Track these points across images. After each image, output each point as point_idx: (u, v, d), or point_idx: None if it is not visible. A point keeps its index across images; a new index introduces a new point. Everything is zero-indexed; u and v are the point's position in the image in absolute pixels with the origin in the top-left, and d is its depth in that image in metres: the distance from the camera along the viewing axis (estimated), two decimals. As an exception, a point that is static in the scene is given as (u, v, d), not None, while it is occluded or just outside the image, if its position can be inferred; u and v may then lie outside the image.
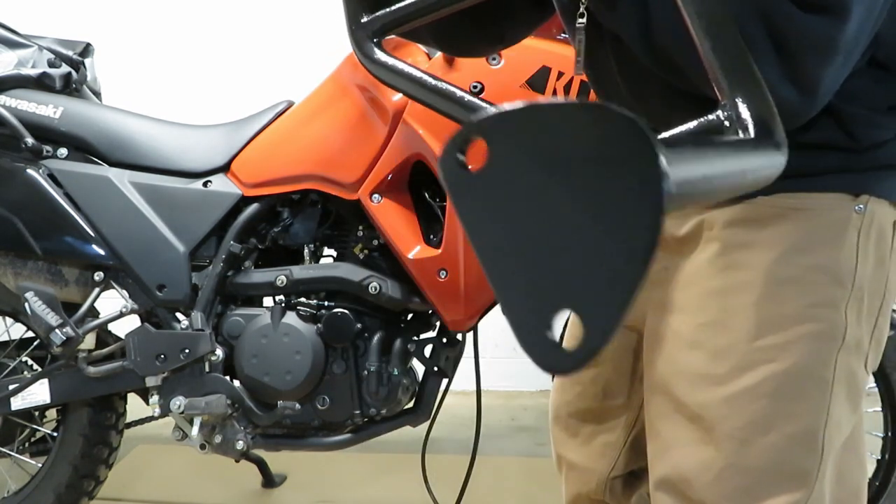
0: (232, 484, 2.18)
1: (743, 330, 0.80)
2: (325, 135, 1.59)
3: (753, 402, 0.80)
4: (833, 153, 0.78)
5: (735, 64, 0.51)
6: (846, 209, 0.79)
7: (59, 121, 1.68)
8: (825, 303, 0.79)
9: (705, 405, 0.83)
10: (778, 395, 0.79)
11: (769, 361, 0.79)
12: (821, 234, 0.79)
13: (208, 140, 1.71)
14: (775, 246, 0.79)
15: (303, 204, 1.66)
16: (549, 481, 2.11)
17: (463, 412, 2.13)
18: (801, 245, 0.79)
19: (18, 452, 1.85)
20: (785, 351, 0.79)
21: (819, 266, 0.78)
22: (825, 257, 0.79)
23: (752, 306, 0.80)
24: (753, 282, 0.80)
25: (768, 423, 0.80)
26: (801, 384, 0.79)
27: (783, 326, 0.79)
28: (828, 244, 0.79)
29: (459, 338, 1.66)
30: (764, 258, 0.79)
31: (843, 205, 0.78)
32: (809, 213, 0.79)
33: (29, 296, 1.63)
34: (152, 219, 1.64)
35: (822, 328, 0.79)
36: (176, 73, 2.95)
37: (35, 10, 2.88)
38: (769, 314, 0.79)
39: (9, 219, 1.62)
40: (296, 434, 1.66)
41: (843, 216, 0.78)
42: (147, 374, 1.62)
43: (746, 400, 0.80)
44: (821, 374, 0.79)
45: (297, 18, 2.90)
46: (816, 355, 0.79)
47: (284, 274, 1.61)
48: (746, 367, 0.80)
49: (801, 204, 0.78)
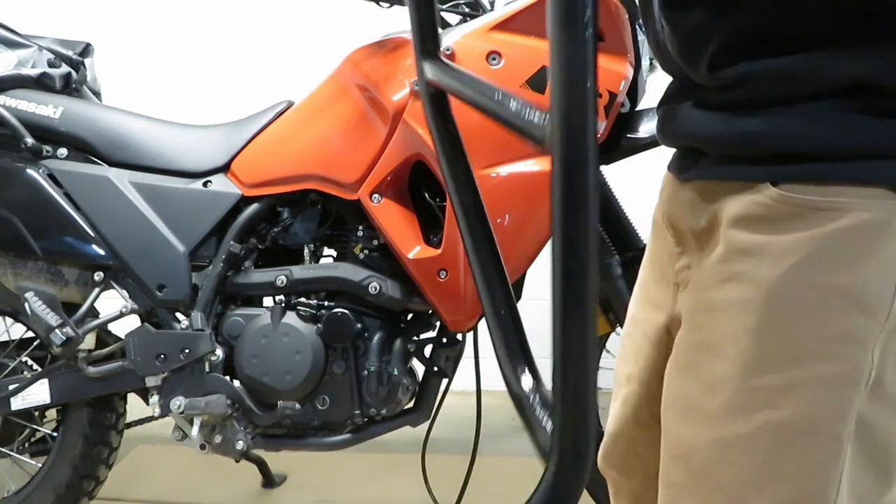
0: (232, 484, 2.17)
1: (739, 362, 0.65)
2: (325, 135, 1.59)
3: (746, 455, 0.65)
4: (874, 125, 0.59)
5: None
6: (886, 210, 0.59)
7: (59, 121, 1.68)
8: (844, 337, 0.61)
9: (693, 447, 0.69)
10: (775, 450, 0.64)
11: (768, 407, 0.63)
12: (846, 245, 0.60)
13: (208, 140, 1.71)
14: (785, 256, 0.62)
15: (303, 204, 1.66)
16: (549, 481, 2.11)
17: (463, 412, 2.13)
18: (817, 257, 0.61)
19: (18, 452, 1.85)
20: (787, 395, 0.63)
21: (840, 288, 0.60)
22: (849, 276, 0.60)
23: (752, 333, 0.64)
24: (755, 301, 0.63)
25: (761, 483, 0.65)
26: (804, 440, 0.63)
27: (787, 364, 0.63)
28: (855, 258, 0.60)
29: (459, 338, 1.66)
30: (770, 272, 0.62)
31: (881, 204, 0.59)
32: (833, 215, 0.60)
33: (29, 296, 1.63)
34: (152, 219, 1.64)
35: (837, 370, 0.61)
36: (176, 73, 2.95)
37: (35, 10, 2.88)
38: (772, 346, 0.63)
39: (9, 219, 1.62)
40: (296, 434, 1.66)
41: (881, 220, 0.59)
42: (147, 374, 1.63)
43: (738, 450, 0.65)
44: (831, 430, 0.62)
45: (297, 18, 2.90)
46: (827, 405, 0.62)
47: (284, 274, 1.61)
48: (741, 410, 0.65)
49: (823, 202, 0.60)
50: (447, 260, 1.48)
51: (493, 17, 1.48)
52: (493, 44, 1.45)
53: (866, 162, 0.59)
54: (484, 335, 1.71)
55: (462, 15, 1.62)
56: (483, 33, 1.45)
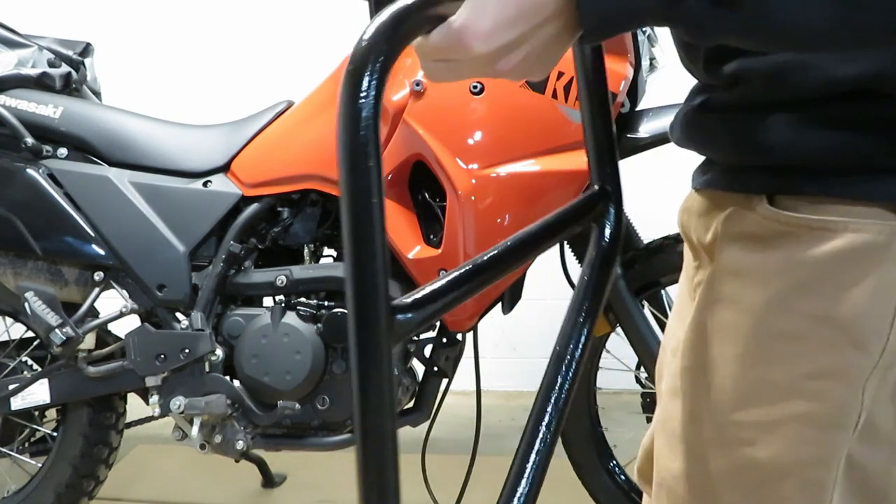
0: (232, 484, 2.17)
1: (723, 392, 0.60)
2: (326, 135, 1.59)
3: (725, 494, 0.61)
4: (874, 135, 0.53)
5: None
6: (884, 232, 0.53)
7: (59, 121, 1.68)
8: (830, 373, 0.55)
9: (676, 477, 0.65)
10: (754, 491, 0.60)
11: (747, 444, 0.59)
12: (838, 270, 0.54)
13: (208, 140, 1.71)
14: (773, 280, 0.56)
15: (303, 204, 1.66)
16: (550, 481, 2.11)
17: (463, 412, 2.13)
18: (807, 283, 0.55)
19: (18, 452, 1.85)
20: (769, 433, 0.58)
21: (829, 318, 0.55)
22: (841, 306, 0.54)
23: (737, 363, 0.59)
24: (741, 328, 0.59)
25: None
26: (782, 483, 0.58)
27: (770, 399, 0.58)
28: (848, 286, 0.54)
29: (459, 338, 1.66)
30: (756, 296, 0.57)
31: (880, 225, 0.53)
32: (826, 236, 0.54)
33: (29, 296, 1.63)
34: (152, 219, 1.64)
35: (821, 410, 0.56)
36: (176, 73, 2.95)
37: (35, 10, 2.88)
38: (756, 378, 0.58)
39: (9, 219, 1.62)
40: (296, 434, 1.66)
41: (879, 242, 0.53)
42: (147, 374, 1.62)
43: (717, 488, 0.61)
44: (811, 476, 0.57)
45: (297, 19, 2.90)
46: (808, 448, 0.57)
47: (284, 274, 1.60)
48: (721, 445, 0.61)
49: (815, 220, 0.54)
50: (447, 260, 1.48)
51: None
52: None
53: (864, 177, 0.53)
54: (484, 335, 1.72)
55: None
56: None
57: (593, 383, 1.73)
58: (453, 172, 1.44)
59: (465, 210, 1.45)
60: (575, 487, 1.78)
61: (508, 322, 1.83)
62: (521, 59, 0.52)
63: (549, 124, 1.43)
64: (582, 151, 1.49)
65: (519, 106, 1.43)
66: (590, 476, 1.75)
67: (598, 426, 1.75)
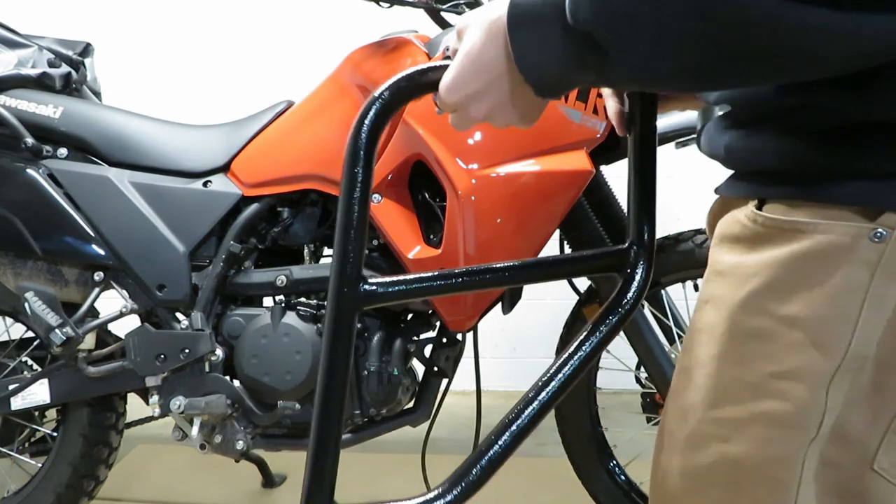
0: (232, 484, 2.17)
1: (704, 390, 0.63)
2: (325, 135, 1.59)
3: (704, 490, 0.63)
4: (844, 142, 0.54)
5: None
6: (850, 234, 0.54)
7: (59, 121, 1.68)
8: (794, 373, 0.56)
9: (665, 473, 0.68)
10: (728, 487, 0.61)
11: (722, 440, 0.61)
12: (804, 270, 0.55)
13: (208, 140, 1.71)
14: (748, 280, 0.58)
15: (303, 204, 1.66)
16: (550, 481, 2.12)
17: (463, 412, 2.13)
18: (776, 283, 0.57)
19: (18, 452, 1.85)
20: (739, 431, 0.60)
21: (794, 319, 0.56)
22: (805, 307, 0.55)
23: (716, 361, 0.61)
24: (720, 327, 0.61)
25: None
26: (751, 482, 0.60)
27: (741, 398, 0.59)
28: (812, 287, 0.55)
29: (459, 338, 1.66)
30: (733, 296, 0.60)
31: (846, 227, 0.54)
32: (795, 237, 0.56)
33: (29, 296, 1.63)
34: (152, 219, 1.64)
35: (783, 410, 0.57)
36: (176, 73, 2.95)
37: (35, 10, 2.88)
38: (730, 377, 0.60)
39: (9, 219, 1.62)
40: (296, 434, 1.66)
41: (843, 244, 0.54)
42: (147, 374, 1.62)
43: (697, 484, 0.64)
44: (776, 475, 0.58)
45: (297, 18, 2.90)
46: (773, 447, 0.58)
47: (284, 274, 1.61)
48: (700, 441, 0.63)
49: (787, 222, 0.56)
50: (447, 260, 1.48)
51: (493, 17, 1.47)
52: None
53: (835, 181, 0.54)
54: (484, 335, 1.72)
55: (462, 15, 1.62)
56: (483, 33, 1.45)
57: (593, 383, 1.73)
58: (453, 172, 1.44)
59: (465, 210, 1.45)
60: (575, 487, 1.78)
61: (508, 322, 1.84)
62: (489, 107, 0.65)
63: (549, 124, 1.43)
64: (582, 151, 1.49)
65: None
66: (590, 476, 1.75)
67: (598, 426, 1.75)
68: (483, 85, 0.63)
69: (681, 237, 1.57)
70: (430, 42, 1.55)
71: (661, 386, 1.56)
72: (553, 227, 1.51)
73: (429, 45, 1.54)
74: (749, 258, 0.59)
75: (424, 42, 1.55)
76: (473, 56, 0.62)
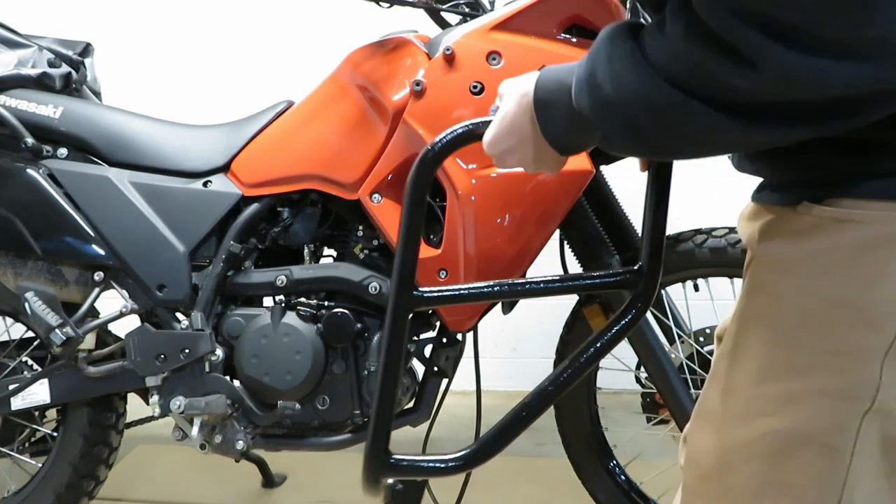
0: (232, 484, 2.17)
1: (749, 369, 0.68)
2: (325, 135, 1.59)
3: (747, 462, 0.67)
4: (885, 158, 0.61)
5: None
6: None
7: (59, 121, 1.68)
8: (847, 350, 0.62)
9: (704, 451, 0.72)
10: (775, 458, 0.65)
11: (769, 415, 0.66)
12: (859, 258, 0.61)
13: (208, 140, 1.71)
14: (803, 268, 0.64)
15: (303, 204, 1.66)
16: (550, 481, 2.12)
17: (463, 412, 2.13)
18: (830, 270, 0.62)
19: (18, 452, 1.85)
20: (788, 405, 0.65)
21: (846, 300, 0.62)
22: (859, 290, 0.61)
23: (765, 343, 0.67)
24: (770, 311, 0.67)
25: (760, 492, 0.66)
26: (802, 450, 0.64)
27: (792, 374, 0.64)
28: (866, 272, 0.61)
29: (459, 338, 1.66)
30: (787, 282, 0.65)
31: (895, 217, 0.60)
32: (853, 228, 0.61)
33: (29, 296, 1.63)
34: (152, 219, 1.64)
35: (837, 384, 0.62)
36: (176, 73, 2.95)
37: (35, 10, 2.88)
38: (780, 356, 0.66)
39: (9, 219, 1.62)
40: (296, 434, 1.66)
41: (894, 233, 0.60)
42: (147, 374, 1.62)
43: (740, 457, 0.68)
44: (830, 442, 0.63)
45: (297, 18, 2.90)
46: (826, 417, 0.63)
47: (284, 274, 1.61)
48: (744, 417, 0.68)
49: (845, 214, 0.62)
50: (447, 260, 1.48)
51: (493, 17, 1.48)
52: (493, 44, 1.44)
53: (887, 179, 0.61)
54: (484, 335, 1.72)
55: (462, 15, 1.62)
56: (483, 33, 1.45)
57: (593, 383, 1.73)
58: (453, 172, 1.44)
59: (465, 210, 1.45)
60: (575, 487, 1.78)
61: (508, 322, 1.84)
62: (519, 160, 0.82)
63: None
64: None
65: (519, 106, 1.43)
66: (590, 476, 1.75)
67: (598, 426, 1.75)
68: (515, 143, 0.80)
69: (681, 237, 1.57)
70: (430, 42, 1.55)
71: (661, 386, 1.56)
72: (553, 226, 1.51)
73: (429, 45, 1.54)
74: (804, 248, 0.64)
75: (424, 42, 1.55)
76: (507, 122, 0.79)
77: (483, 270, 1.51)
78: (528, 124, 0.77)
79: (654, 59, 0.60)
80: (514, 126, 0.79)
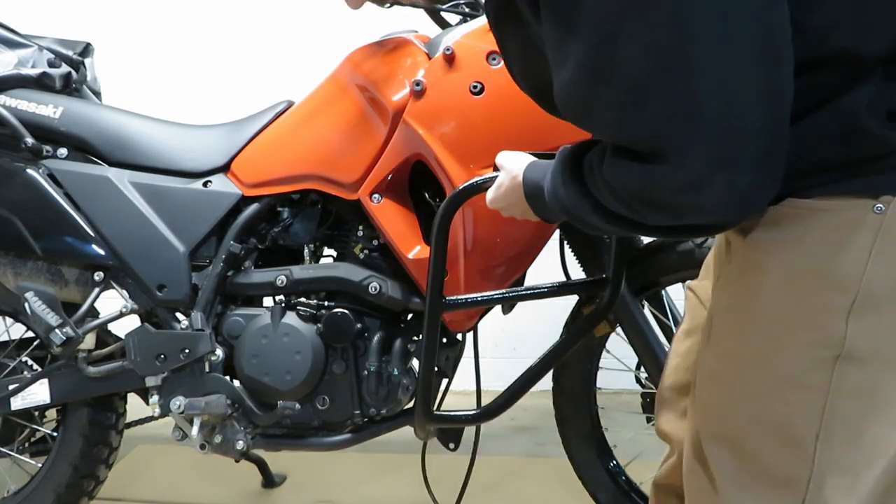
0: (232, 484, 2.17)
1: (746, 330, 0.83)
2: (325, 135, 1.59)
3: (744, 403, 0.84)
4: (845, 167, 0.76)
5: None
6: (861, 210, 0.75)
7: (59, 121, 1.68)
8: (819, 309, 0.78)
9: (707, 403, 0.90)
10: (766, 397, 0.82)
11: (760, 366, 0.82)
12: (827, 237, 0.77)
13: (208, 140, 1.71)
14: (784, 249, 0.79)
15: (303, 204, 1.66)
16: (549, 481, 2.12)
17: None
18: (806, 248, 0.78)
19: (18, 452, 1.85)
20: (774, 356, 0.81)
21: (817, 270, 0.77)
22: (825, 260, 0.77)
23: (759, 308, 0.82)
24: (762, 284, 0.81)
25: (756, 424, 0.83)
26: (784, 389, 0.80)
27: (777, 332, 0.80)
28: (831, 247, 0.76)
29: (459, 338, 1.66)
30: (772, 261, 0.80)
31: (858, 205, 0.75)
32: (823, 215, 0.77)
33: (29, 296, 1.63)
34: (152, 219, 1.64)
35: (813, 335, 0.78)
36: (176, 73, 2.95)
37: (35, 10, 2.88)
38: (769, 319, 0.81)
39: (9, 219, 1.62)
40: (296, 434, 1.66)
41: (855, 217, 0.75)
42: (147, 374, 1.63)
43: (740, 396, 0.85)
44: (808, 381, 0.79)
45: (297, 18, 2.90)
46: (804, 362, 0.79)
47: (284, 274, 1.61)
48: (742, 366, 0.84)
49: (817, 205, 0.77)
50: (447, 260, 1.48)
51: (493, 17, 1.47)
52: (493, 44, 1.44)
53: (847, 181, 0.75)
54: (484, 335, 1.72)
55: (462, 15, 1.62)
56: (483, 33, 1.45)
57: (593, 383, 1.73)
58: (453, 172, 1.44)
59: (464, 210, 1.45)
60: (575, 487, 1.78)
61: (508, 322, 1.84)
62: (512, 213, 1.08)
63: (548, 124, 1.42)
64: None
65: (518, 106, 1.43)
66: (590, 476, 1.75)
67: (598, 426, 1.75)
68: (508, 205, 1.07)
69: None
70: (430, 42, 1.55)
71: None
72: (553, 226, 1.51)
73: (429, 45, 1.54)
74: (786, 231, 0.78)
75: (424, 42, 1.55)
76: (503, 191, 1.06)
77: (483, 271, 1.51)
78: (517, 196, 1.03)
79: (592, 190, 0.82)
80: (507, 195, 1.05)
